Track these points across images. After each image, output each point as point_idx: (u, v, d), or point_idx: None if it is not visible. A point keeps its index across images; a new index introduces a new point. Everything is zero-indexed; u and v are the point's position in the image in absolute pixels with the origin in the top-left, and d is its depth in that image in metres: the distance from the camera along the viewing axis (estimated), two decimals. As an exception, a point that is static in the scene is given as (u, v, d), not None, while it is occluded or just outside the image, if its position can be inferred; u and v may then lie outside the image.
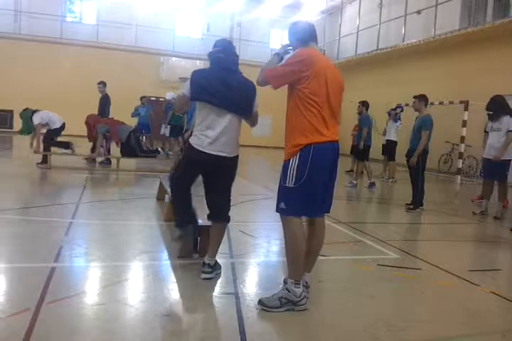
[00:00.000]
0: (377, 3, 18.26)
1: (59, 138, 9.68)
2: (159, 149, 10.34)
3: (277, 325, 2.67)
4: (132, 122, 13.35)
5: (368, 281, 3.57)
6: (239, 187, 8.67)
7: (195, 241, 3.70)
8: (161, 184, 6.03)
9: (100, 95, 10.14)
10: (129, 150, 9.61)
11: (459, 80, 13.76)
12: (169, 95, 12.92)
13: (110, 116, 10.13)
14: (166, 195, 5.60)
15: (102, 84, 10.13)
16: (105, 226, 4.84)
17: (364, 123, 9.62)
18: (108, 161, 10.14)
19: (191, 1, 20.80)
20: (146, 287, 3.14)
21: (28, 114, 9.04)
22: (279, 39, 22.51)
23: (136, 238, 4.47)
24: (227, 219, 3.33)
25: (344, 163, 11.28)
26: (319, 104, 2.75)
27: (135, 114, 13.27)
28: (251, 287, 3.29)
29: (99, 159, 10.12)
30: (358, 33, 19.17)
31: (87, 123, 9.79)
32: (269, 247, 4.49)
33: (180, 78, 17.30)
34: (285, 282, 2.91)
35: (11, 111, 16.69)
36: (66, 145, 9.72)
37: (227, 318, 2.67)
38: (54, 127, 9.12)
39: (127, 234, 4.64)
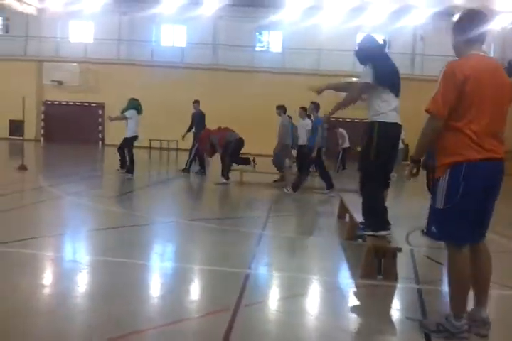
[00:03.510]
0: None
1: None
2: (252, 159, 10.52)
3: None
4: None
5: None
6: (419, 211, 8.20)
7: (379, 262, 3.67)
8: (341, 202, 6.13)
9: (194, 111, 11.51)
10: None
11: None
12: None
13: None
14: (347, 214, 5.68)
15: (197, 103, 11.53)
16: (290, 239, 5.16)
17: None
18: (202, 171, 11.01)
19: (373, 18, 20.75)
20: (327, 301, 3.26)
21: (134, 103, 10.06)
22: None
23: (318, 253, 4.67)
24: None
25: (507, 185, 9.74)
26: (466, 121, 2.52)
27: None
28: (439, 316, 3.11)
29: (195, 169, 10.94)
30: None
31: (201, 139, 10.48)
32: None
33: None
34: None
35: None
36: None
37: (414, 344, 2.59)
38: (127, 136, 9.86)
39: (310, 248, 4.87)
